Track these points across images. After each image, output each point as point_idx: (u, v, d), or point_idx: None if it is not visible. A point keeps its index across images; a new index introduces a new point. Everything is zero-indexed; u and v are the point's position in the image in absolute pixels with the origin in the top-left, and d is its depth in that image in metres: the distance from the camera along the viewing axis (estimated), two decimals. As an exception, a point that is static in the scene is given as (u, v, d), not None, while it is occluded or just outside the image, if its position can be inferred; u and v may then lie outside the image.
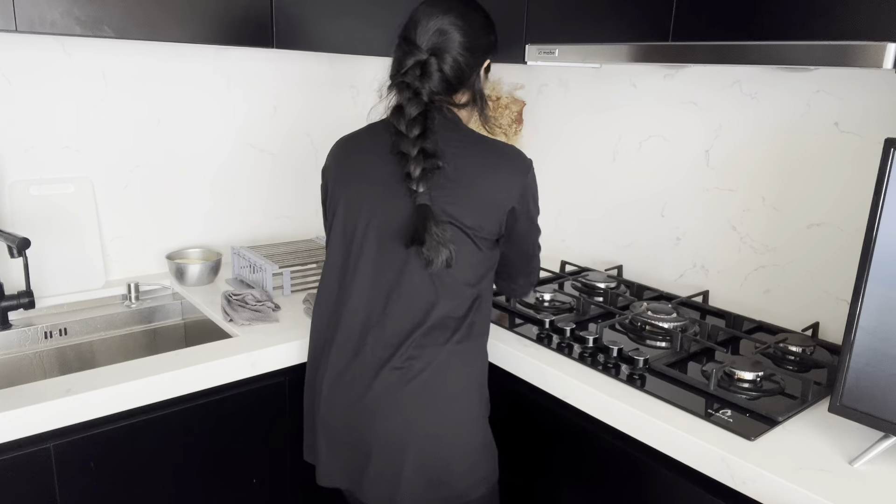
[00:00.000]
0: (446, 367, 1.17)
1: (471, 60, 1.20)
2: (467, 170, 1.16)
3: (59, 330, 1.59)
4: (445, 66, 1.18)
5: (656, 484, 1.15)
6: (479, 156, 1.18)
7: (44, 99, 1.59)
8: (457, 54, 1.18)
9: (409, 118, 1.15)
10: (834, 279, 1.46)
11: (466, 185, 1.15)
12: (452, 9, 1.19)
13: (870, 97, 1.36)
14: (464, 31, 1.18)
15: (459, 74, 1.19)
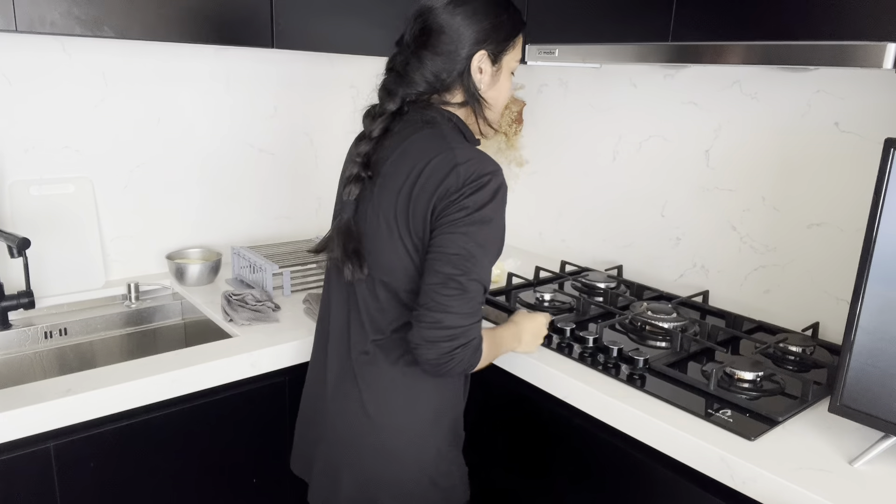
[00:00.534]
0: (391, 392, 1.11)
1: (451, 56, 1.08)
2: (396, 175, 1.07)
3: (59, 330, 1.59)
4: (420, 65, 1.09)
5: (656, 484, 1.15)
6: (409, 159, 1.06)
7: (44, 99, 1.59)
8: (431, 47, 1.08)
9: (374, 117, 1.12)
10: (834, 279, 1.46)
11: (392, 190, 1.06)
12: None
13: (870, 97, 1.36)
14: (445, 18, 1.07)
15: (437, 72, 1.09)
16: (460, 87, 1.11)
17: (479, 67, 1.11)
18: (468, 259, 1.00)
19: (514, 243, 2.22)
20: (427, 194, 1.02)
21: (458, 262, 0.99)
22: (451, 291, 0.99)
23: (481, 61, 1.10)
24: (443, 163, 1.02)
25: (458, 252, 0.99)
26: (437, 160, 1.03)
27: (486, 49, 1.10)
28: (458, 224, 1.00)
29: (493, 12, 1.10)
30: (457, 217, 1.00)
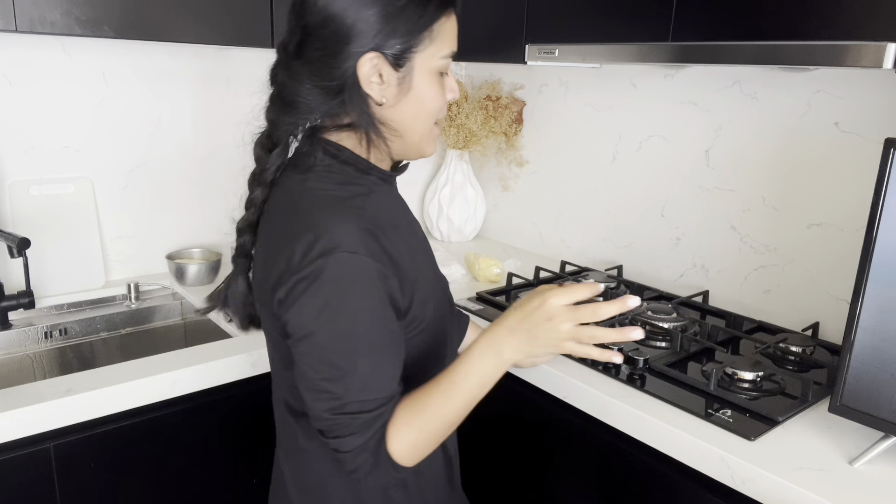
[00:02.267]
0: (280, 484, 0.96)
1: (328, 66, 0.79)
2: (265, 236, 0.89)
3: (59, 330, 1.59)
4: (292, 80, 0.82)
5: (656, 484, 1.15)
6: (272, 224, 0.87)
7: (44, 99, 1.59)
8: (305, 58, 0.81)
9: (266, 149, 0.90)
10: (834, 279, 1.46)
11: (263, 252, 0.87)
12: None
13: (870, 97, 1.36)
14: (315, 16, 0.78)
15: (314, 94, 0.81)
16: (348, 107, 0.81)
17: (375, 73, 0.80)
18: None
19: (514, 243, 2.22)
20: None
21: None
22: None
23: (375, 67, 0.79)
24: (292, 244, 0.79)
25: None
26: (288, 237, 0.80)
27: (381, 50, 0.79)
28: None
29: (377, 3, 0.78)
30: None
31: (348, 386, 0.78)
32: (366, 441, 0.79)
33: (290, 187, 0.86)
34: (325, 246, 0.76)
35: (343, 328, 0.77)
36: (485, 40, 1.77)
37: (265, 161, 0.87)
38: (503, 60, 1.72)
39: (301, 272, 0.76)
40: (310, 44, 0.80)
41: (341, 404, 0.78)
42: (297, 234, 0.78)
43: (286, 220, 0.82)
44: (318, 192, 0.83)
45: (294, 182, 0.85)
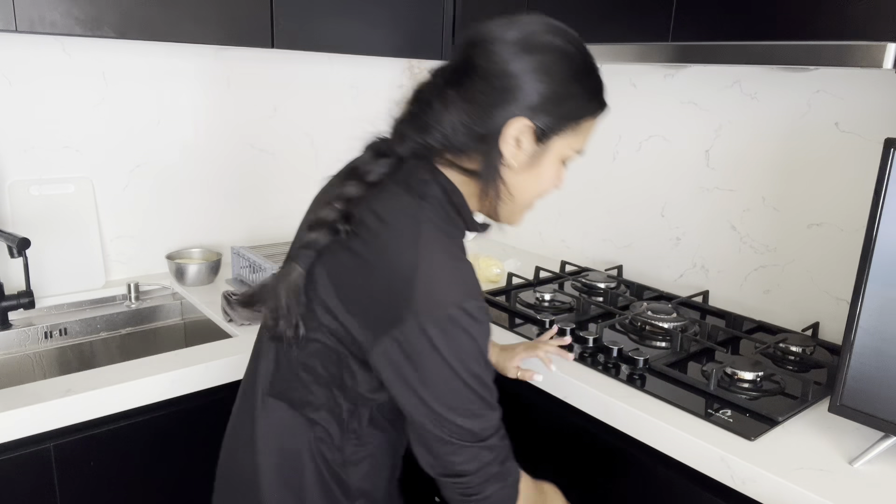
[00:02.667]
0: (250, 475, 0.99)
1: (483, 113, 0.81)
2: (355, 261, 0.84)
3: (59, 330, 1.59)
4: (443, 108, 0.83)
5: (656, 484, 1.15)
6: (365, 249, 0.83)
7: (44, 99, 1.59)
8: (466, 94, 0.82)
9: (377, 154, 0.88)
10: (834, 279, 1.46)
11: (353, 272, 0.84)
12: (512, 27, 0.83)
13: (870, 97, 1.36)
14: (497, 58, 0.81)
15: (457, 127, 0.82)
16: (478, 153, 0.84)
17: (516, 139, 0.83)
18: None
19: (514, 243, 2.22)
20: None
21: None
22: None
23: (521, 132, 0.82)
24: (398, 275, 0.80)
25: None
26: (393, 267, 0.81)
27: (533, 120, 0.82)
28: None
29: (567, 77, 0.82)
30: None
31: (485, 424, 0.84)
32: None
33: (399, 207, 0.84)
34: (458, 298, 0.79)
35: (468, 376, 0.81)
36: (485, 40, 1.77)
37: (371, 164, 0.87)
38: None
39: (432, 316, 0.78)
40: (475, 84, 0.82)
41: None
42: (416, 270, 0.79)
43: (399, 244, 0.82)
44: (435, 231, 0.83)
45: (405, 203, 0.85)
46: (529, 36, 0.82)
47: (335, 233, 0.84)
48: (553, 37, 0.83)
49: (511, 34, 0.82)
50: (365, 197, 0.85)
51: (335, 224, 0.84)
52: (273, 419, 0.94)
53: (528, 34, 0.82)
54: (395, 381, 0.82)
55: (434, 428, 0.82)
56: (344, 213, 0.84)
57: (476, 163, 0.85)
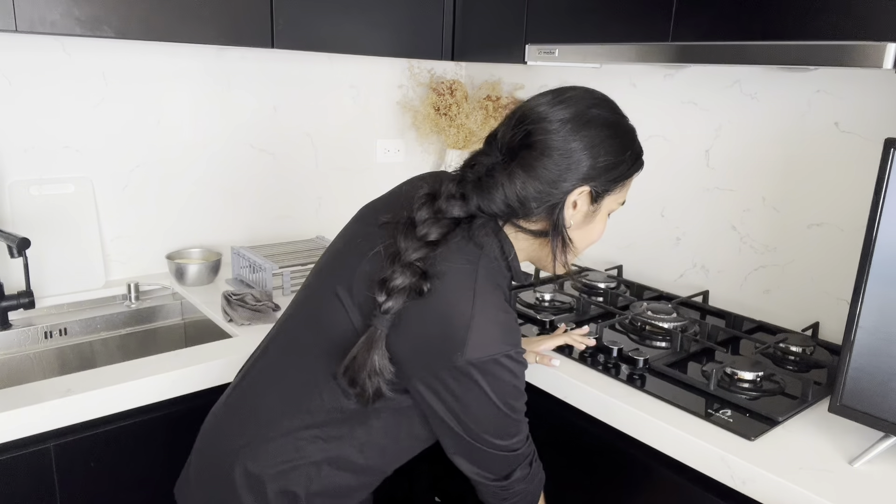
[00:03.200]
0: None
1: (547, 184, 0.89)
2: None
3: (59, 330, 1.59)
4: (507, 182, 0.89)
5: (656, 484, 1.15)
6: (425, 302, 0.88)
7: (44, 99, 1.59)
8: (529, 168, 0.89)
9: (432, 216, 0.91)
10: (834, 279, 1.46)
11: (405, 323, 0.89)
12: (563, 103, 0.91)
13: (870, 97, 1.36)
14: (555, 136, 0.89)
15: (523, 198, 0.89)
16: (546, 219, 0.93)
17: (574, 202, 0.92)
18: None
19: (514, 243, 2.22)
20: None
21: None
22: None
23: (580, 197, 0.92)
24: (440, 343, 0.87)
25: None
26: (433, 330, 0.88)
27: (590, 186, 0.92)
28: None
29: (617, 149, 0.93)
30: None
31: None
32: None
33: (459, 261, 0.90)
34: (505, 347, 0.89)
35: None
36: (485, 40, 1.77)
37: (431, 225, 0.91)
38: (503, 60, 1.72)
39: (481, 361, 0.87)
40: (538, 161, 0.89)
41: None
42: (472, 320, 0.87)
43: (456, 295, 0.88)
44: (488, 284, 0.91)
45: (465, 258, 0.91)
46: (580, 114, 0.91)
47: (419, 294, 0.87)
48: (599, 110, 0.93)
49: (563, 113, 0.91)
50: (433, 255, 0.90)
51: (418, 286, 0.88)
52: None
53: (578, 112, 0.91)
54: (437, 409, 0.91)
55: (472, 440, 0.93)
56: (422, 274, 0.88)
57: (537, 225, 0.94)
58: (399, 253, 0.89)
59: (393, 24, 1.77)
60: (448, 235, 0.91)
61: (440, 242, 0.90)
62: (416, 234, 0.90)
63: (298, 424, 0.96)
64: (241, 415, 1.03)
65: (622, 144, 0.94)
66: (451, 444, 0.95)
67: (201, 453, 1.08)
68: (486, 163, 0.92)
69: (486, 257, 0.92)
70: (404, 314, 0.88)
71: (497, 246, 0.94)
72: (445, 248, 0.90)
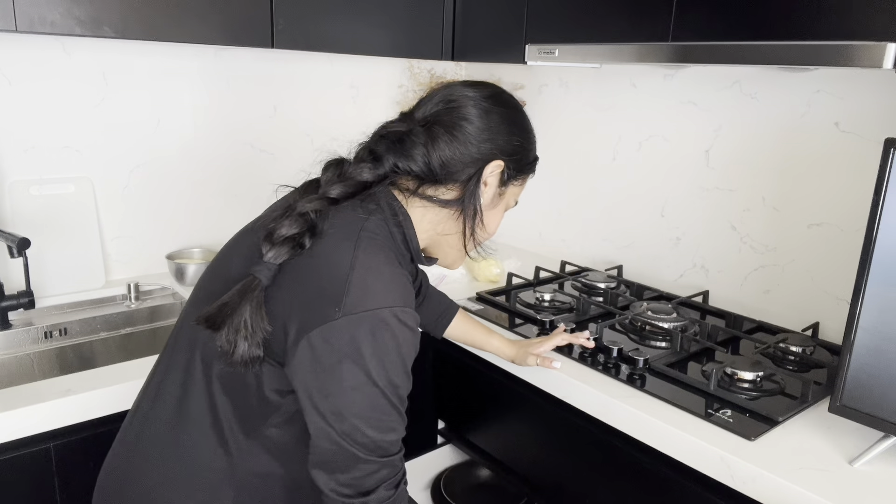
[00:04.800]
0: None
1: (471, 148, 0.91)
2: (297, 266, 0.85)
3: (59, 330, 1.59)
4: (431, 143, 0.90)
5: (656, 484, 1.15)
6: (307, 261, 0.84)
7: (44, 99, 1.59)
8: (454, 131, 0.90)
9: (341, 175, 0.91)
10: (834, 279, 1.46)
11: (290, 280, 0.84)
12: (480, 85, 0.95)
13: (870, 97, 1.36)
14: (477, 107, 0.92)
15: (446, 159, 0.90)
16: (458, 187, 0.92)
17: (486, 180, 0.94)
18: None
19: (514, 243, 2.22)
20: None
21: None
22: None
23: (492, 173, 0.94)
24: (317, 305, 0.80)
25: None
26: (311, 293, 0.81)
27: (504, 163, 0.94)
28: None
29: (525, 136, 0.97)
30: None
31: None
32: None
33: (346, 220, 0.88)
34: (391, 301, 0.81)
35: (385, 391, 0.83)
36: (485, 40, 1.77)
37: (334, 183, 0.90)
38: (503, 60, 1.72)
39: (361, 316, 0.79)
40: (461, 124, 0.91)
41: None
42: (351, 271, 0.81)
43: (337, 248, 0.85)
44: (374, 241, 0.87)
45: (352, 217, 0.88)
46: (497, 94, 0.95)
47: (300, 247, 0.84)
48: (511, 98, 0.97)
49: (483, 91, 0.94)
50: (326, 211, 0.88)
51: (301, 238, 0.85)
52: (202, 455, 0.90)
53: (496, 93, 0.95)
54: (309, 384, 0.81)
55: (340, 438, 0.81)
56: (310, 226, 0.85)
57: (449, 195, 0.93)
58: (293, 206, 0.87)
59: (393, 24, 1.77)
60: (349, 196, 0.90)
61: (338, 201, 0.88)
62: (317, 192, 0.89)
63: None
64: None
65: (529, 133, 0.98)
66: (313, 448, 0.84)
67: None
68: (403, 129, 0.91)
69: (378, 219, 0.89)
70: (283, 270, 0.84)
71: (389, 210, 0.91)
72: (338, 208, 0.88)
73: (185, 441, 0.89)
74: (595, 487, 1.26)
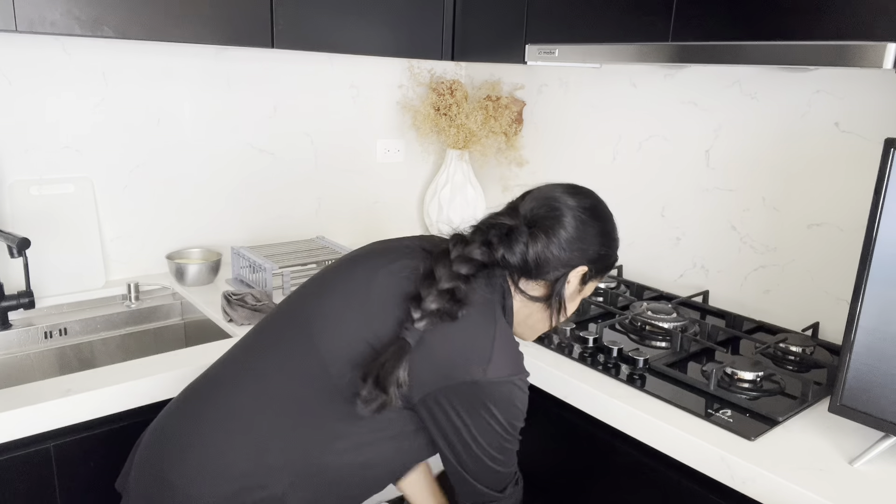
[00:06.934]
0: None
1: (563, 253, 1.02)
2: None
3: (59, 330, 1.59)
4: (531, 243, 1.01)
5: (656, 484, 1.15)
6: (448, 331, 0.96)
7: (44, 99, 1.59)
8: (552, 236, 1.01)
9: (464, 254, 1.00)
10: (834, 279, 1.46)
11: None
12: (581, 195, 1.06)
13: (870, 97, 1.36)
14: (575, 219, 1.03)
15: (541, 260, 1.01)
16: (546, 285, 1.05)
17: (570, 279, 1.05)
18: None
19: (514, 243, 2.22)
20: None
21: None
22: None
23: (577, 274, 1.05)
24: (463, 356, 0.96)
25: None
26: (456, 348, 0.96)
27: (589, 267, 1.05)
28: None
29: (611, 245, 1.10)
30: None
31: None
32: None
33: (482, 297, 1.01)
34: (520, 370, 1.00)
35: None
36: (485, 40, 1.77)
37: (462, 264, 1.00)
38: (503, 60, 1.72)
39: (500, 379, 0.96)
40: (559, 231, 1.02)
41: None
42: (495, 340, 0.98)
43: (482, 318, 0.99)
44: (504, 323, 1.03)
45: (487, 296, 1.02)
46: (596, 206, 1.07)
47: (451, 318, 0.95)
48: (606, 210, 1.09)
49: (584, 202, 1.05)
50: (463, 287, 0.98)
51: (452, 312, 0.95)
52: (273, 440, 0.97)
53: (594, 204, 1.07)
54: (447, 430, 0.98)
55: (474, 459, 1.00)
56: (456, 298, 0.96)
57: (538, 291, 1.05)
58: (435, 279, 0.97)
59: (393, 24, 1.77)
60: (475, 274, 1.01)
61: (469, 279, 0.99)
62: (451, 266, 0.99)
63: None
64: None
65: (615, 243, 1.11)
66: (453, 464, 1.02)
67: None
68: (509, 223, 1.02)
69: (502, 298, 1.04)
70: (428, 335, 0.95)
71: (504, 297, 1.05)
72: (472, 283, 0.99)
73: (259, 421, 0.97)
74: (595, 487, 1.26)
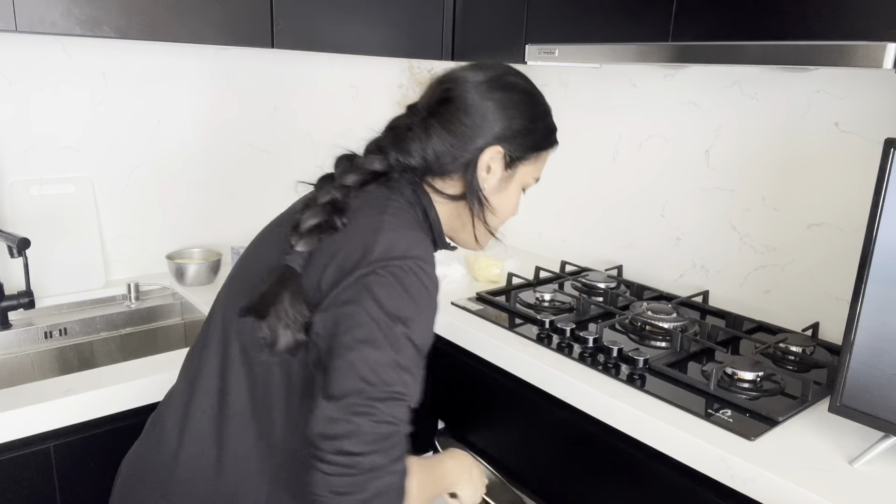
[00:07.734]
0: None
1: (464, 138, 0.92)
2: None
3: (59, 330, 1.59)
4: (424, 136, 0.92)
5: (656, 484, 1.15)
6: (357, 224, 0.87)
7: (44, 99, 1.59)
8: (446, 123, 0.92)
9: (355, 166, 0.93)
10: (834, 279, 1.46)
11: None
12: (482, 68, 0.95)
13: (870, 97, 1.36)
14: (472, 95, 0.92)
15: (439, 152, 0.92)
16: (460, 179, 0.95)
17: (487, 165, 0.95)
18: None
19: (514, 243, 2.22)
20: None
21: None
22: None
23: (493, 159, 0.94)
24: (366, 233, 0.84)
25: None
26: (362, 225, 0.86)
27: (504, 148, 0.94)
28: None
29: (531, 115, 0.96)
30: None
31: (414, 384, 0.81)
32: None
33: (370, 200, 0.90)
34: (417, 254, 0.84)
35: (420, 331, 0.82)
36: (485, 40, 1.77)
37: (348, 174, 0.92)
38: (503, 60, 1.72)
39: (387, 262, 0.81)
40: (455, 116, 0.92)
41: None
42: (380, 229, 0.84)
43: (366, 218, 0.87)
44: (399, 214, 0.90)
45: (377, 196, 0.91)
46: (497, 77, 0.94)
47: (333, 229, 0.86)
48: (516, 79, 0.96)
49: (481, 75, 0.94)
50: (348, 196, 0.90)
51: (331, 222, 0.86)
52: (242, 444, 0.89)
53: (496, 76, 0.95)
54: (340, 321, 0.79)
55: (361, 366, 0.76)
56: (336, 210, 0.87)
57: (455, 188, 0.96)
58: (314, 198, 0.89)
59: (393, 24, 1.77)
60: (365, 185, 0.92)
61: (352, 189, 0.90)
62: (333, 182, 0.91)
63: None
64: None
65: (536, 112, 0.97)
66: (325, 392, 0.79)
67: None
68: (406, 122, 0.95)
69: (401, 200, 0.92)
70: (316, 251, 0.85)
71: (414, 196, 0.94)
72: (360, 191, 0.91)
73: (226, 433, 0.89)
74: (595, 487, 1.26)
